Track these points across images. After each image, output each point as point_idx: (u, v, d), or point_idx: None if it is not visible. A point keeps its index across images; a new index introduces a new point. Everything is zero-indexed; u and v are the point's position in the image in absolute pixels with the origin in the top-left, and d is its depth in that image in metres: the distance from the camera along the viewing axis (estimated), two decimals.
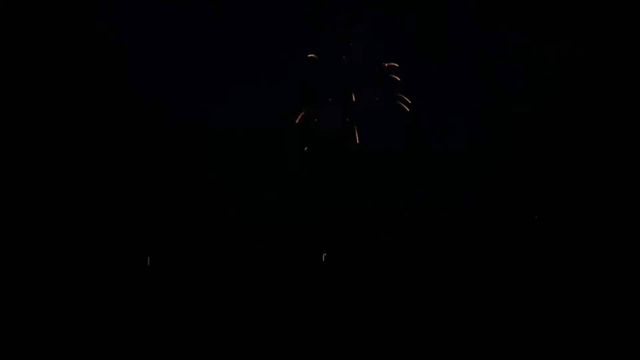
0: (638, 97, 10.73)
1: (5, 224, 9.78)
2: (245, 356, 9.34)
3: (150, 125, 10.84)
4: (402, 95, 12.12)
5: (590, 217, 10.72)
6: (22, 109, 10.17)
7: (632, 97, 10.77)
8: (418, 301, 10.30)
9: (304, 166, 11.82)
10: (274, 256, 10.82)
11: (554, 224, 10.98)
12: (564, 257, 10.53)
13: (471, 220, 11.27)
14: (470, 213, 11.33)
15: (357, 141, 12.10)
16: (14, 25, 10.26)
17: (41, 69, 10.37)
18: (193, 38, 11.42)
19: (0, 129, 9.99)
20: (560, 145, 11.25)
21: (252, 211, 11.16)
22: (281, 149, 11.78)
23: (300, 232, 11.13)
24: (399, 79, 12.21)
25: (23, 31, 10.34)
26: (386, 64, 12.23)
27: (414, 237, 11.22)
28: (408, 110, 11.99)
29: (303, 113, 11.82)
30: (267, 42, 11.66)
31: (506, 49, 11.77)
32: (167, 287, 10.07)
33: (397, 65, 12.19)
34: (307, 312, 10.12)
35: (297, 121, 11.74)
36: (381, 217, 11.46)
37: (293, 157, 11.76)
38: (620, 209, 10.55)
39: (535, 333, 9.68)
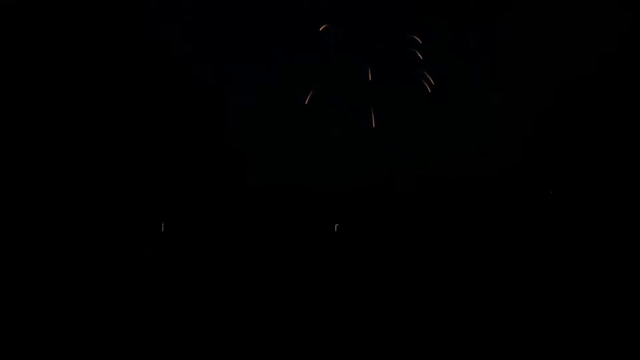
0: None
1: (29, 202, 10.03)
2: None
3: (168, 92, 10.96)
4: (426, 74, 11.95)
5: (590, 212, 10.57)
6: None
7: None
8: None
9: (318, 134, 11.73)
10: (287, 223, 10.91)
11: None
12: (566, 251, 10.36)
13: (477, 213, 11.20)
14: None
15: (374, 125, 11.99)
16: None
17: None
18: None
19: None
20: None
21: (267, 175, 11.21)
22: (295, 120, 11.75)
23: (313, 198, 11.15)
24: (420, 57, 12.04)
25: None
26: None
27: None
28: (429, 90, 11.82)
29: (311, 93, 11.73)
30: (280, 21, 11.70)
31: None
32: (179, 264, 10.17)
33: (419, 40, 12.02)
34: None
35: (306, 102, 11.67)
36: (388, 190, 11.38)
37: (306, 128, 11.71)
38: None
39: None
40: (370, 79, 11.91)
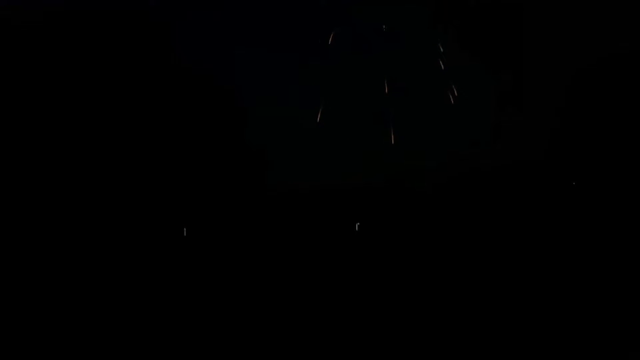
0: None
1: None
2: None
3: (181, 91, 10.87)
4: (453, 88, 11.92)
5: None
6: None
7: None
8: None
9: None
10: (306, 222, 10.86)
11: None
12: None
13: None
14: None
15: (392, 141, 11.93)
16: None
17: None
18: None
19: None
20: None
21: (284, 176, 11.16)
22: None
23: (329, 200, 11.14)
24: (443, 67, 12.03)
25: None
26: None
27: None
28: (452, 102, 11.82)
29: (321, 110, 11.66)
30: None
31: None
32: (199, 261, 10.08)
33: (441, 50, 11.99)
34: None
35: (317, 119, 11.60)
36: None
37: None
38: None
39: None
40: (386, 89, 11.80)
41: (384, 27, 11.83)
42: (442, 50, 11.59)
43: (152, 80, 10.89)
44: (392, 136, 11.76)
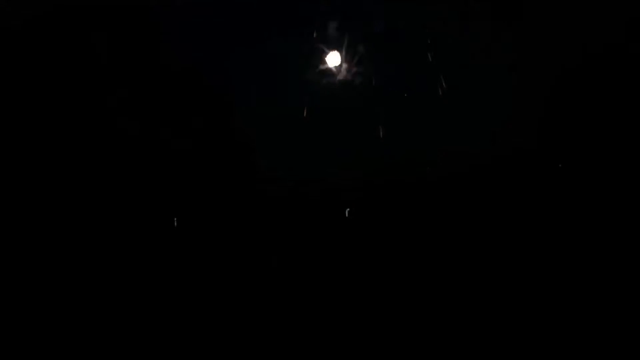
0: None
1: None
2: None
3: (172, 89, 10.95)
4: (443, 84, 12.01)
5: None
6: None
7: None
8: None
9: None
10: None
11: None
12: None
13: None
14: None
15: (381, 135, 12.00)
16: None
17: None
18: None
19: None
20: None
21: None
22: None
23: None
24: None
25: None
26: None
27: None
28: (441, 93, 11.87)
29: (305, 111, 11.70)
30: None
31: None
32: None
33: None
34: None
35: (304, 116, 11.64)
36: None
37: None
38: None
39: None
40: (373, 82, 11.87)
41: (383, 27, 11.95)
42: (436, 52, 11.70)
43: (151, 80, 10.98)
44: (381, 132, 11.88)
